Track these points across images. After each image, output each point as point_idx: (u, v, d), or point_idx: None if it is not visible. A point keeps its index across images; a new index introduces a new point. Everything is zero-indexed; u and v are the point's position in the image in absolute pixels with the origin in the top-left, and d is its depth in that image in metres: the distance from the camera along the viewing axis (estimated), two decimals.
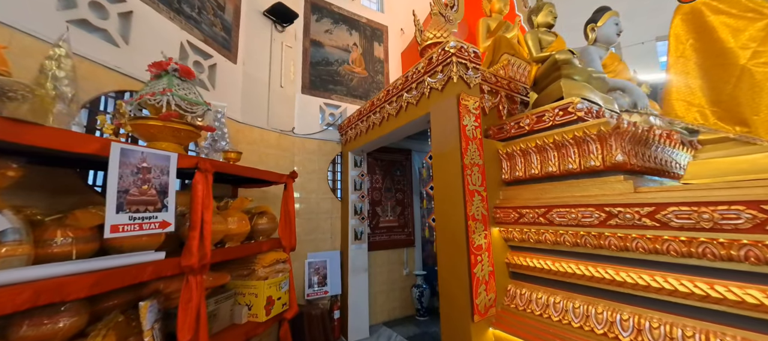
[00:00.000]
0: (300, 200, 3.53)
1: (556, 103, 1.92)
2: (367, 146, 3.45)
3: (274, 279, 2.26)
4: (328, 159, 3.83)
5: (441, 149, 2.09)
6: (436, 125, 2.16)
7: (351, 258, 3.54)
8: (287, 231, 2.55)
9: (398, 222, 4.26)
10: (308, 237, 3.52)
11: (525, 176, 1.98)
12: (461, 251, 1.85)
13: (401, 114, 2.63)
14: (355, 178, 3.71)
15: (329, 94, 3.98)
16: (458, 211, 1.89)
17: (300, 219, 3.48)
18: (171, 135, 1.73)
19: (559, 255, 1.72)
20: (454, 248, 1.91)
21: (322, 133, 3.82)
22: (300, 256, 3.41)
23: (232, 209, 2.09)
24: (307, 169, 3.64)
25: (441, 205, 2.06)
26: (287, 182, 2.61)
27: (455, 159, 1.95)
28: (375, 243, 3.94)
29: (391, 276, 4.10)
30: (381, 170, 4.22)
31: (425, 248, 4.51)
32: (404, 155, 4.50)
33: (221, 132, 2.26)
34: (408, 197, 4.44)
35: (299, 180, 3.54)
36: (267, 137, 3.31)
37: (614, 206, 1.41)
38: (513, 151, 2.04)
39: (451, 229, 1.94)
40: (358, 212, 3.67)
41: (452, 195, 1.95)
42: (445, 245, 2.01)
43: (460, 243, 1.86)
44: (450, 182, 1.98)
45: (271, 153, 3.31)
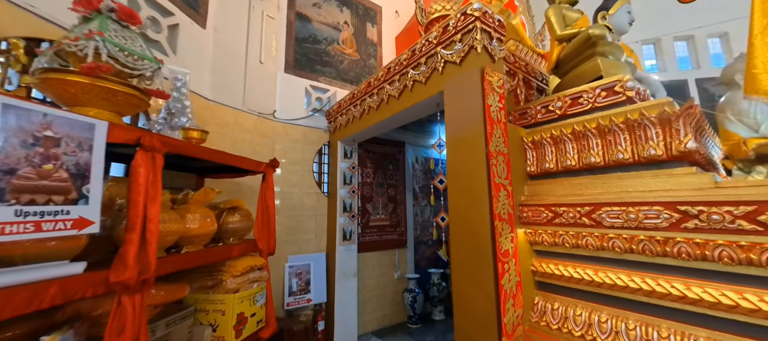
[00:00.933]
0: (281, 195, 3.06)
1: (597, 82, 1.62)
2: (360, 134, 3.04)
3: (247, 290, 1.81)
4: (314, 149, 3.38)
5: (458, 134, 1.74)
6: (452, 105, 1.81)
7: (339, 261, 3.13)
8: (265, 232, 2.10)
9: (390, 221, 3.89)
10: (290, 238, 3.07)
11: (557, 169, 1.67)
12: (485, 258, 1.51)
13: (405, 95, 2.25)
14: (344, 170, 3.29)
15: (317, 76, 3.52)
16: (482, 209, 1.54)
17: (281, 217, 3.02)
18: (102, 99, 1.25)
19: (604, 263, 1.42)
20: (476, 254, 1.56)
21: (308, 119, 3.36)
22: (279, 259, 2.96)
23: (194, 204, 1.62)
24: (290, 159, 3.18)
25: (457, 201, 1.71)
26: (266, 171, 2.16)
27: (477, 146, 1.60)
28: (365, 244, 3.55)
29: (381, 280, 3.72)
30: (372, 163, 3.83)
31: (418, 249, 4.18)
32: (397, 147, 4.13)
33: (181, 105, 1.77)
34: (401, 194, 4.08)
35: (281, 172, 3.07)
36: (242, 120, 2.82)
37: (693, 203, 1.11)
38: (541, 139, 1.72)
39: (472, 230, 1.60)
40: (348, 209, 3.26)
41: (474, 189, 1.60)
42: (462, 249, 1.66)
43: (483, 248, 1.52)
44: (470, 174, 1.63)
45: (246, 139, 2.82)
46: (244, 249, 1.94)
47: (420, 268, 4.14)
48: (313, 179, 3.32)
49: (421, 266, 4.17)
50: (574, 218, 1.46)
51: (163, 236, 1.32)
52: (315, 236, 3.25)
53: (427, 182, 4.50)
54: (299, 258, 3.07)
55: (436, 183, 2.04)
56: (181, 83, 1.80)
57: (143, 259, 1.16)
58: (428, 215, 4.42)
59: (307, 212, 3.22)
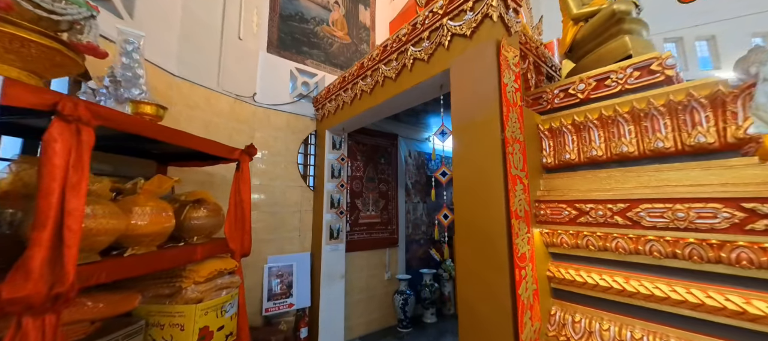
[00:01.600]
0: (261, 188, 2.75)
1: (628, 61, 1.42)
2: (351, 123, 2.76)
3: (213, 300, 1.51)
4: (300, 138, 3.07)
5: (467, 119, 1.50)
6: (460, 85, 1.56)
7: (325, 261, 2.85)
8: (239, 229, 1.80)
9: (381, 218, 3.64)
10: (270, 236, 2.76)
11: (579, 160, 1.45)
12: (499, 263, 1.28)
13: (404, 76, 1.99)
14: (332, 163, 3.00)
15: (303, 58, 3.20)
16: (495, 205, 1.31)
17: (260, 213, 2.71)
18: (5, 50, 0.93)
19: (637, 270, 1.21)
20: (487, 258, 1.33)
21: (293, 105, 3.05)
22: (258, 260, 2.64)
23: (144, 195, 1.31)
24: (272, 149, 2.86)
25: (465, 196, 1.47)
26: (241, 159, 1.85)
27: (491, 132, 1.36)
28: (353, 243, 3.28)
29: (370, 281, 3.47)
30: (363, 156, 3.55)
31: (409, 248, 3.95)
32: (390, 140, 3.87)
33: (132, 74, 1.44)
34: (392, 190, 3.83)
35: (263, 163, 2.75)
36: (217, 101, 2.48)
37: (763, 200, 0.91)
38: (561, 126, 1.51)
39: (483, 230, 1.36)
40: (336, 204, 2.97)
41: (486, 182, 1.37)
42: (469, 252, 1.42)
43: (497, 251, 1.29)
44: (482, 164, 1.39)
45: (221, 124, 2.49)
46: (212, 250, 1.63)
47: (411, 268, 3.91)
48: (298, 171, 3.02)
49: (412, 266, 3.95)
50: (604, 216, 1.25)
51: (92, 235, 1.01)
52: (299, 234, 2.96)
53: (421, 178, 4.27)
54: (281, 259, 2.77)
55: (437, 176, 1.79)
56: (133, 47, 1.46)
57: (57, 267, 0.86)
58: (421, 212, 4.20)
59: (290, 207, 2.92)
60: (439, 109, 1.91)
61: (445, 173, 1.76)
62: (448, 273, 3.94)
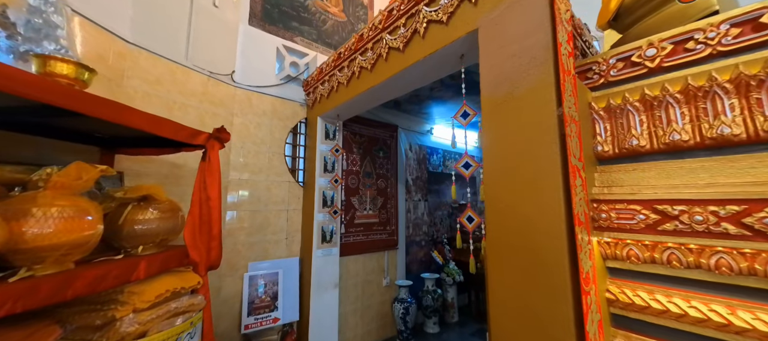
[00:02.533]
0: (241, 183, 2.34)
1: (721, 16, 1.07)
2: (346, 108, 2.38)
3: (163, 331, 1.12)
4: (287, 126, 2.67)
5: (505, 91, 1.14)
6: (494, 47, 1.20)
7: (316, 268, 2.47)
8: (204, 235, 1.41)
9: (379, 218, 3.27)
10: (252, 239, 2.36)
11: (651, 147, 1.10)
12: (557, 287, 0.93)
13: (414, 45, 1.61)
14: (325, 154, 2.61)
15: (292, 35, 2.80)
16: (550, 206, 0.96)
17: (240, 212, 2.31)
18: None
19: (744, 296, 0.88)
20: (536, 279, 0.97)
21: (280, 88, 2.64)
22: (235, 268, 2.25)
23: (52, 191, 0.91)
24: (255, 138, 2.46)
25: (501, 193, 1.11)
26: (208, 146, 1.46)
27: (543, 106, 1.01)
28: (348, 246, 2.91)
29: (367, 288, 3.10)
30: (359, 148, 3.17)
31: (409, 250, 3.60)
32: (389, 131, 3.50)
33: (44, 22, 1.03)
34: (392, 186, 3.46)
35: (243, 154, 2.35)
36: (185, 79, 2.06)
37: None
38: (623, 103, 1.16)
39: (530, 241, 1.00)
40: (329, 202, 2.59)
41: (534, 174, 1.01)
42: (510, 270, 1.07)
43: (553, 270, 0.94)
44: (528, 151, 1.03)
45: (191, 105, 2.07)
46: (165, 263, 1.24)
47: (411, 273, 3.57)
48: (285, 164, 2.62)
49: (412, 270, 3.60)
50: (703, 222, 0.91)
51: None
52: (286, 236, 2.57)
53: (422, 174, 3.91)
54: (264, 266, 2.38)
55: (458, 167, 1.43)
56: None
57: None
58: (422, 211, 3.85)
59: (275, 206, 2.52)
60: (446, 95, 1.55)
61: (469, 165, 1.39)
62: (451, 277, 3.61)
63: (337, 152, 2.56)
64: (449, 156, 4.43)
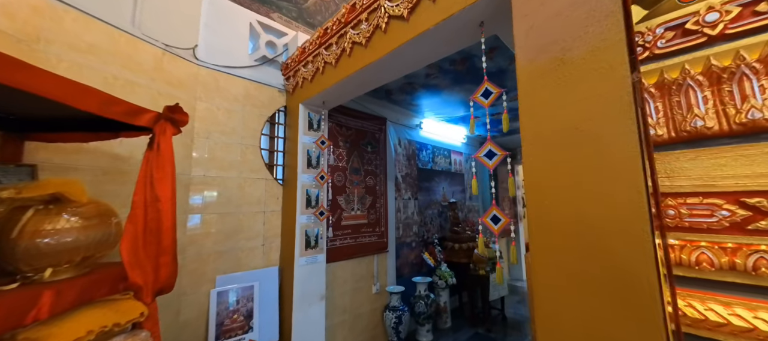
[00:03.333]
0: (207, 182, 1.96)
1: None
2: (334, 93, 2.07)
3: None
4: (264, 115, 2.31)
5: (552, 55, 0.89)
6: (535, 5, 0.95)
7: (299, 278, 2.13)
8: (151, 247, 1.05)
9: (368, 219, 2.98)
10: (220, 247, 1.98)
11: (721, 130, 0.91)
12: (641, 306, 0.69)
13: (420, 13, 1.34)
14: (309, 147, 2.28)
15: (268, 9, 2.43)
16: (627, 202, 0.72)
17: (206, 216, 1.93)
18: None
19: None
20: (610, 299, 0.74)
21: (254, 70, 2.27)
22: (200, 283, 1.87)
23: None
24: (224, 127, 2.07)
25: (551, 187, 0.87)
26: (156, 130, 1.10)
27: (609, 71, 0.78)
28: (335, 251, 2.59)
29: (356, 297, 2.80)
30: (346, 142, 2.86)
31: (399, 253, 3.34)
32: (377, 124, 3.21)
33: None
34: (381, 184, 3.18)
35: (210, 146, 1.97)
36: (132, 50, 1.65)
37: None
38: (682, 78, 0.96)
39: (598, 247, 0.77)
40: (314, 202, 2.26)
41: (597, 161, 0.78)
42: (567, 284, 0.82)
43: (638, 286, 0.70)
44: (589, 131, 0.80)
45: (139, 84, 1.66)
46: (86, 292, 0.87)
47: (402, 277, 3.31)
48: (262, 159, 2.26)
49: (403, 274, 3.34)
50: None
51: None
52: (262, 243, 2.20)
53: (411, 170, 3.66)
54: (236, 278, 2.01)
55: (480, 158, 1.17)
56: None
57: None
58: (412, 209, 3.60)
59: (250, 207, 2.15)
60: (443, 83, 1.30)
61: (493, 154, 1.14)
62: (444, 280, 3.39)
63: (323, 144, 2.23)
64: (439, 152, 4.23)
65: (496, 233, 1.12)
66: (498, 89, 1.16)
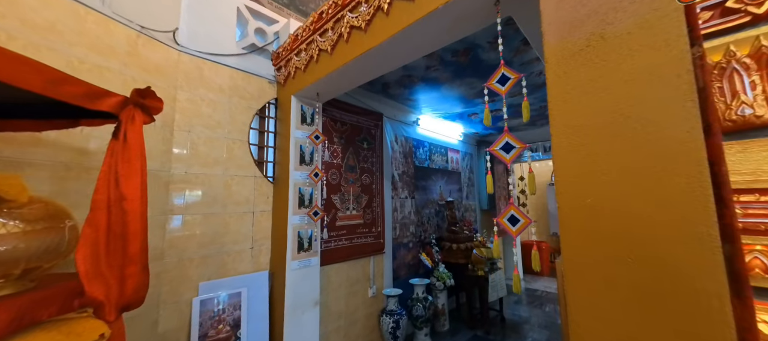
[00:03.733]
0: (189, 179, 1.78)
1: None
2: (330, 83, 1.92)
3: None
4: (252, 107, 2.14)
5: (589, 31, 0.77)
6: None
7: (291, 283, 1.98)
8: (115, 256, 0.89)
9: (363, 219, 2.84)
10: (205, 251, 1.81)
11: None
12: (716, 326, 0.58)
13: None
14: (302, 143, 2.12)
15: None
16: (686, 202, 0.61)
17: (188, 217, 1.75)
18: None
19: None
20: (669, 315, 0.62)
21: (242, 59, 2.10)
22: (183, 289, 1.70)
23: None
24: (209, 120, 1.90)
25: (590, 183, 0.75)
26: (122, 117, 0.94)
27: (662, 46, 0.66)
28: (329, 253, 2.45)
29: (351, 301, 2.66)
30: (341, 137, 2.71)
31: (396, 254, 3.21)
32: (373, 120, 3.07)
33: None
34: (377, 182, 3.04)
35: (193, 141, 1.79)
36: (101, 30, 1.46)
37: None
38: (727, 61, 0.85)
39: (650, 253, 0.65)
40: (307, 202, 2.11)
41: (648, 153, 0.66)
42: (610, 298, 0.70)
43: (705, 302, 0.59)
44: (637, 116, 0.68)
45: (110, 69, 1.48)
46: (27, 313, 0.71)
47: (399, 279, 3.18)
48: (250, 155, 2.09)
49: (400, 276, 3.21)
50: None
51: None
52: (251, 246, 2.04)
53: (408, 168, 3.54)
54: (221, 285, 1.84)
55: (496, 151, 1.05)
56: None
57: None
58: (409, 209, 3.48)
59: (237, 207, 1.98)
60: (443, 76, 1.17)
61: (510, 147, 1.02)
62: (442, 282, 3.28)
63: (318, 139, 2.08)
64: (436, 150, 4.11)
65: (514, 236, 1.00)
66: (516, 74, 1.04)
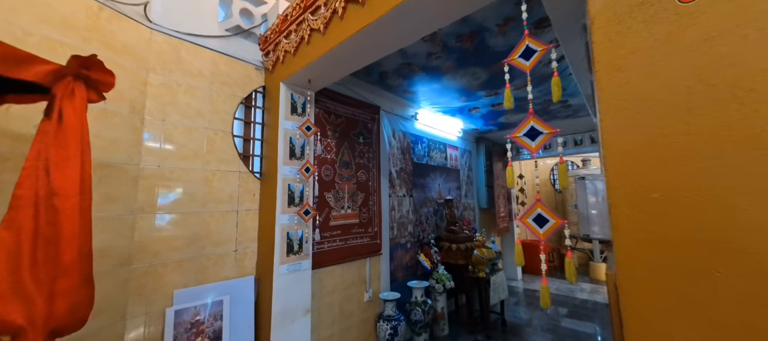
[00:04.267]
0: (164, 174, 1.58)
1: None
2: (323, 67, 1.73)
3: None
4: (237, 96, 1.94)
5: None
6: None
7: (279, 290, 1.79)
8: (46, 268, 0.69)
9: (359, 218, 2.66)
10: (181, 255, 1.61)
11: None
12: None
13: None
14: (292, 135, 1.93)
15: None
16: None
17: (163, 216, 1.55)
18: None
19: None
20: None
21: (226, 41, 1.89)
22: (155, 298, 1.50)
23: None
24: (187, 108, 1.70)
25: (658, 174, 0.58)
26: (56, 91, 0.73)
27: None
28: (322, 255, 2.26)
29: (346, 306, 2.48)
30: (335, 131, 2.52)
31: (393, 255, 3.04)
32: (370, 113, 2.89)
33: None
34: (374, 179, 2.86)
35: (167, 131, 1.59)
36: (56, 2, 1.25)
37: None
38: None
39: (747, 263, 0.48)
40: (297, 200, 1.92)
41: (748, 132, 0.49)
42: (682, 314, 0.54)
43: None
44: (730, 82, 0.51)
45: (65, 43, 1.27)
46: None
47: (396, 281, 3.01)
48: (235, 148, 1.89)
49: (397, 278, 3.05)
50: None
51: None
52: (235, 249, 1.84)
53: (406, 165, 3.36)
54: (200, 292, 1.64)
55: (518, 138, 0.87)
56: None
57: None
58: (408, 208, 3.31)
59: (220, 206, 1.79)
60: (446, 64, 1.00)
61: (536, 133, 0.85)
62: (441, 284, 3.12)
63: (309, 131, 1.89)
64: (434, 146, 3.95)
65: (542, 239, 0.83)
66: (544, 44, 0.87)
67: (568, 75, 2.38)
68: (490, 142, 5.05)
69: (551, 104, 3.41)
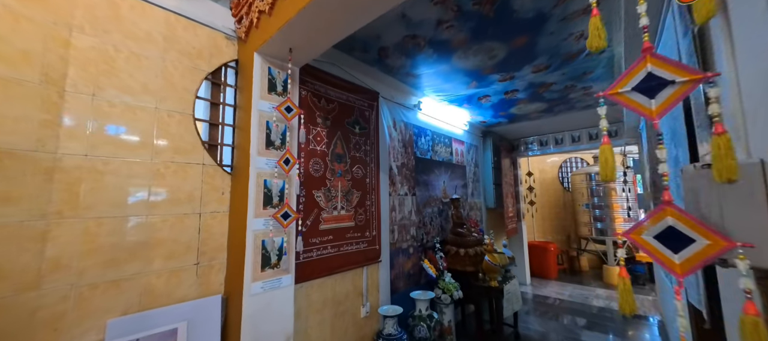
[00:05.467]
0: (94, 166, 1.19)
1: None
2: (307, 29, 1.34)
3: None
4: (201, 69, 1.55)
5: None
6: None
7: (251, 312, 1.41)
8: None
9: (354, 221, 2.28)
10: (117, 273, 1.23)
11: None
12: None
13: None
14: (269, 118, 1.55)
15: None
16: None
17: (91, 221, 1.16)
18: None
19: None
20: None
21: (185, 1, 1.50)
22: (79, 329, 1.11)
23: None
24: (130, 81, 1.31)
25: None
26: None
27: None
28: (307, 266, 1.89)
29: (339, 324, 2.10)
30: (325, 118, 2.14)
31: (394, 261, 2.66)
32: (367, 99, 2.51)
33: None
34: (372, 176, 2.48)
35: (104, 111, 1.21)
36: None
37: None
38: None
39: None
40: (275, 200, 1.54)
41: None
42: None
43: None
44: None
45: None
46: None
47: (397, 292, 2.65)
48: (197, 135, 1.50)
49: (398, 288, 2.68)
50: None
51: None
52: (197, 262, 1.46)
53: (408, 160, 2.99)
54: (144, 320, 1.26)
55: (621, 97, 0.50)
56: None
57: None
58: (410, 208, 2.93)
59: (175, 207, 1.40)
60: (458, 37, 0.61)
61: (662, 82, 0.47)
62: (448, 294, 2.75)
63: (290, 112, 1.50)
64: (439, 140, 3.57)
65: (680, 278, 0.46)
66: None
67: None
68: (497, 136, 4.68)
69: (570, 92, 3.04)
